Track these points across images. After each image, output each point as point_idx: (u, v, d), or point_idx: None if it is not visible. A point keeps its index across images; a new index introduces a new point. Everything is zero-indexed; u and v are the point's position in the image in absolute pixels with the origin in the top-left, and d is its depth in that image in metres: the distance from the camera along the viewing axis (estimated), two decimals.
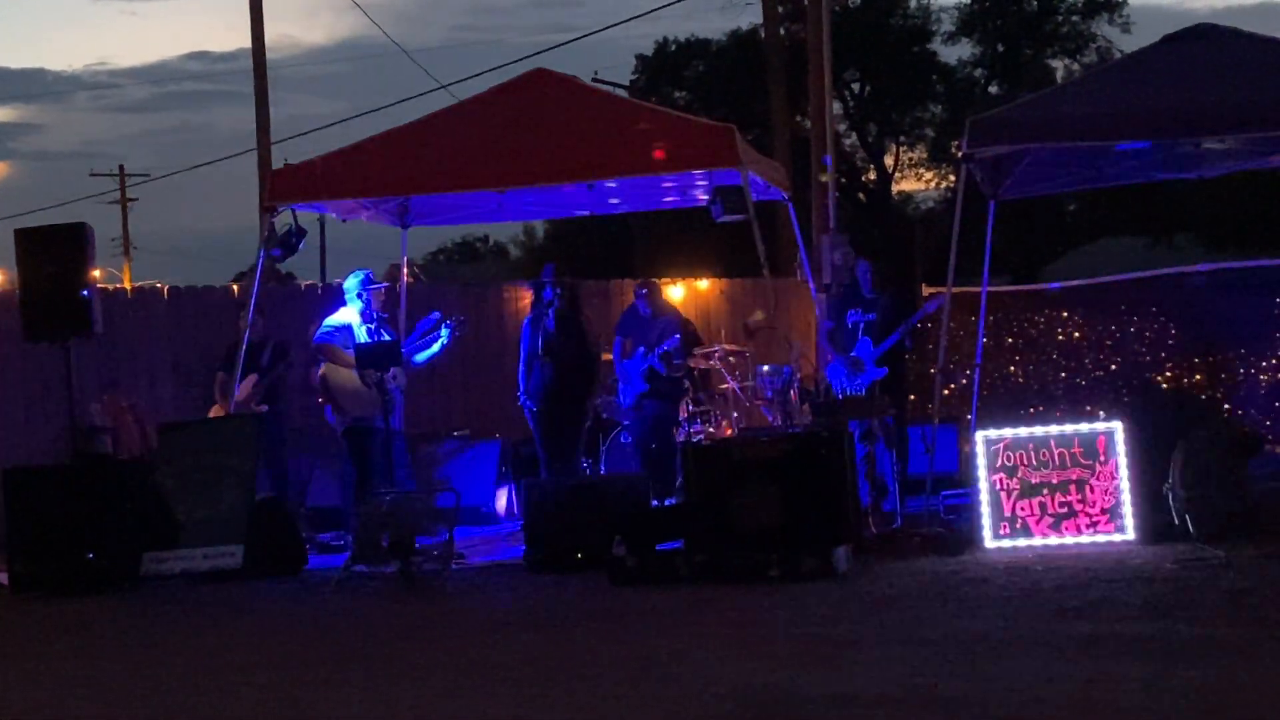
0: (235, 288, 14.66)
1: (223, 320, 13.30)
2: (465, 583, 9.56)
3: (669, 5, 30.79)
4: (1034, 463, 9.44)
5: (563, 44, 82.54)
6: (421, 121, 12.26)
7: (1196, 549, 8.76)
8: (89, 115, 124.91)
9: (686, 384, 12.55)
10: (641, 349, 12.38)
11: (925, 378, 13.46)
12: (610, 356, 12.66)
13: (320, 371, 11.55)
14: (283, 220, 11.85)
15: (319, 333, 11.54)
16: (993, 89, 39.06)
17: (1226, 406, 13.89)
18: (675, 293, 15.80)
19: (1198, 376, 14.37)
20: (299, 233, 11.84)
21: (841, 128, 37.79)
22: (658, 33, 55.15)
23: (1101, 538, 9.25)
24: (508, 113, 11.72)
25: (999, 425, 9.96)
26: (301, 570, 10.52)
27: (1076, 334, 15.06)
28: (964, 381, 14.16)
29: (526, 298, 14.56)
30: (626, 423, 12.70)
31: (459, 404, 14.74)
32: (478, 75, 22.94)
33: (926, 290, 15.24)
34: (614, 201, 13.54)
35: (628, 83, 39.46)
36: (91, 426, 12.33)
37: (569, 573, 9.55)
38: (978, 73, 40.26)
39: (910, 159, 41.57)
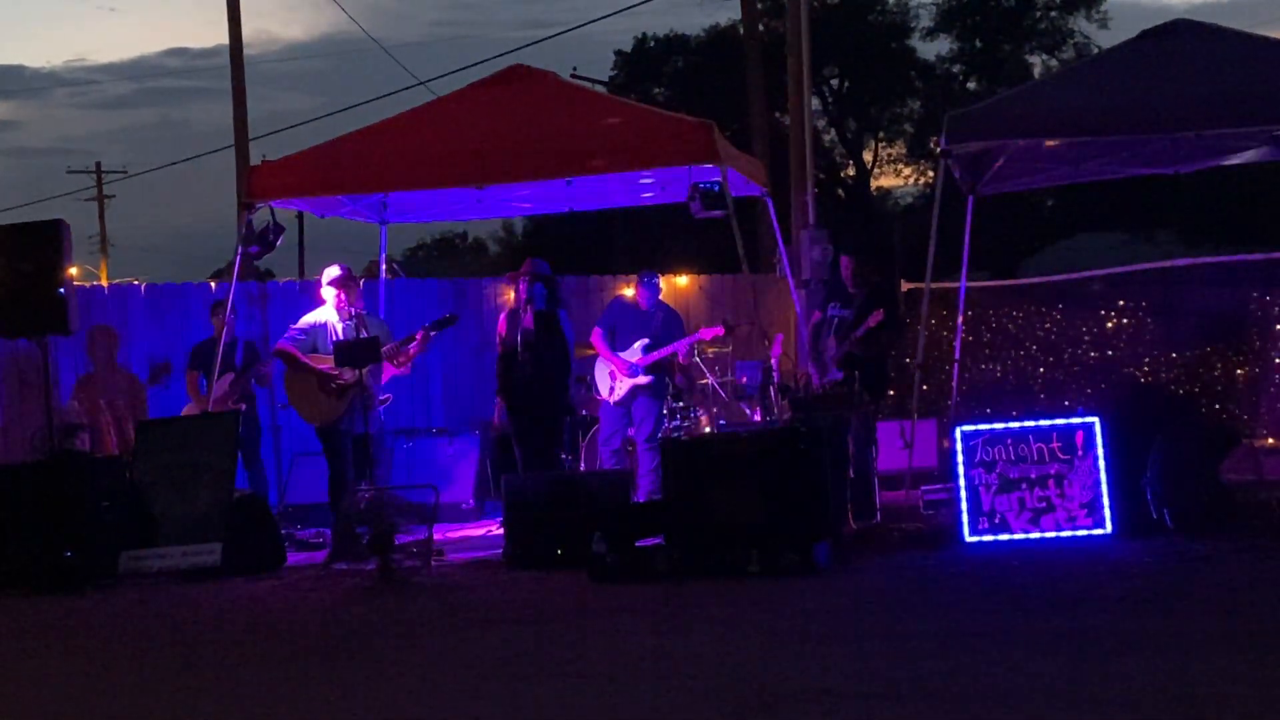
0: (213, 284, 14.63)
1: (200, 317, 13.28)
2: (445, 579, 9.55)
3: (648, 1, 30.82)
4: (1013, 458, 9.46)
5: (541, 40, 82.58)
6: (400, 118, 12.25)
7: (1174, 543, 8.79)
8: (67, 112, 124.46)
9: (666, 380, 12.54)
10: (645, 341, 12.20)
11: (904, 372, 13.49)
12: (592, 351, 12.51)
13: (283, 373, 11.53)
14: (261, 217, 11.82)
15: (285, 335, 11.49)
16: (971, 85, 39.18)
17: (1203, 401, 13.93)
18: None
19: (1176, 371, 14.42)
20: (277, 229, 11.81)
21: (820, 124, 37.85)
22: (637, 28, 55.14)
23: (1080, 532, 9.28)
24: (486, 109, 11.71)
25: (978, 420, 9.98)
26: (280, 568, 10.49)
27: (1054, 329, 15.10)
28: (943, 377, 14.18)
29: (507, 293, 14.54)
30: (609, 418, 12.57)
31: (438, 399, 14.72)
32: (456, 71, 22.97)
33: (905, 285, 15.27)
34: (593, 197, 13.54)
35: (606, 78, 39.47)
36: (69, 424, 12.29)
37: (549, 569, 9.54)
38: (956, 69, 40.37)
39: (889, 155, 41.71)
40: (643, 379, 12.08)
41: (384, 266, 14.19)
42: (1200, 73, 10.33)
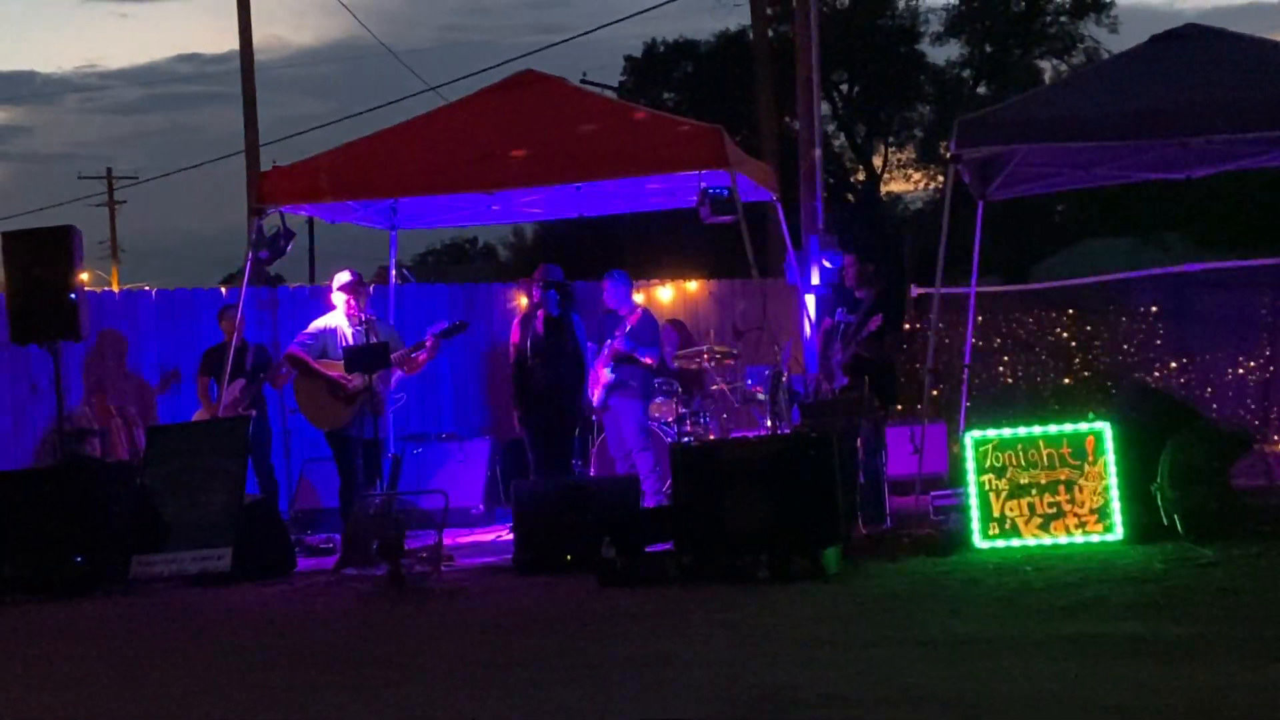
0: (224, 290, 14.65)
1: (211, 323, 13.30)
2: (454, 584, 9.55)
3: (658, 6, 30.85)
4: (1023, 463, 9.45)
5: (551, 45, 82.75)
6: (410, 123, 12.26)
7: (1185, 548, 8.77)
8: (78, 117, 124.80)
9: (676, 385, 12.54)
10: (609, 340, 12.28)
11: (914, 377, 13.49)
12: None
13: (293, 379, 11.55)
14: (271, 222, 11.84)
15: (296, 340, 11.50)
16: (981, 90, 39.12)
17: (1214, 406, 13.91)
18: (664, 294, 15.81)
19: (1186, 376, 14.39)
20: (287, 235, 11.82)
21: (830, 129, 37.83)
22: (646, 34, 55.17)
23: (1090, 538, 9.26)
24: (496, 114, 11.72)
25: (988, 425, 9.97)
26: (290, 573, 10.50)
27: (1065, 334, 15.08)
28: (953, 382, 14.16)
29: (516, 299, 14.58)
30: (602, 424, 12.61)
31: (448, 405, 14.74)
32: (467, 77, 22.93)
33: (915, 290, 15.26)
34: (603, 202, 13.54)
35: (616, 84, 39.49)
36: (80, 429, 12.32)
37: (558, 574, 9.54)
38: (966, 73, 40.34)
39: (899, 160, 41.67)
40: (607, 377, 12.12)
41: (394, 272, 14.20)
42: (1211, 77, 10.32)
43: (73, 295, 10.97)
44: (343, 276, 11.53)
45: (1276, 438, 13.64)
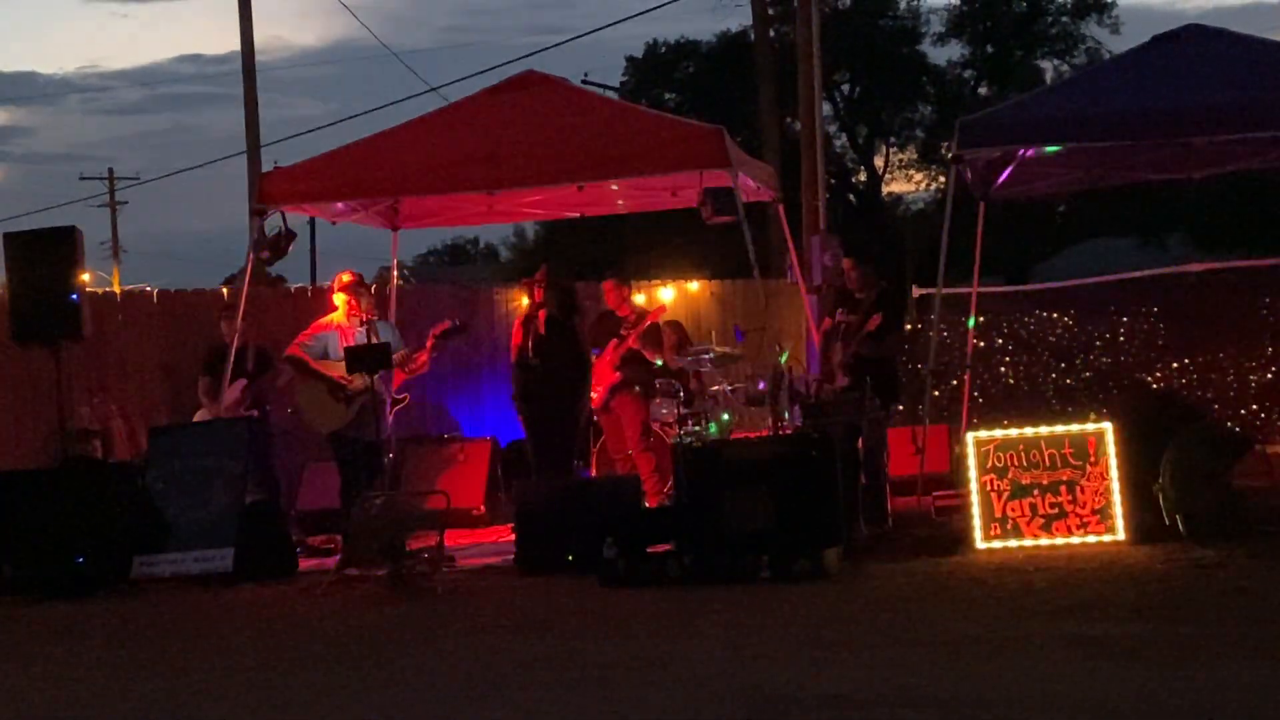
0: (225, 290, 14.64)
1: (212, 323, 13.28)
2: (456, 585, 9.55)
3: (659, 7, 30.87)
4: (1024, 463, 9.45)
5: (553, 46, 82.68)
6: (412, 123, 12.26)
7: (1187, 549, 8.77)
8: (80, 118, 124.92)
9: (677, 385, 12.53)
10: (615, 341, 12.32)
11: (916, 378, 13.48)
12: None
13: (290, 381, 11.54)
14: (272, 223, 11.83)
15: (295, 341, 11.49)
16: (982, 90, 39.12)
17: (1216, 406, 13.90)
18: (665, 294, 15.80)
19: (1187, 377, 14.38)
20: (288, 235, 11.82)
21: (831, 129, 37.82)
22: (648, 34, 55.09)
23: (1092, 538, 9.26)
24: (498, 114, 11.72)
25: (990, 426, 9.97)
26: (292, 574, 10.50)
27: (1066, 334, 15.07)
28: (955, 382, 14.16)
29: (517, 299, 14.57)
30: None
31: (450, 405, 14.73)
32: (468, 77, 22.99)
33: (917, 291, 15.25)
34: (604, 203, 13.54)
35: (618, 84, 39.49)
36: (81, 430, 12.31)
37: (560, 575, 9.54)
38: (967, 74, 40.33)
39: (900, 160, 41.63)
40: (614, 376, 12.15)
41: (395, 272, 14.21)
42: (1212, 78, 10.32)
43: (74, 296, 10.97)
44: (344, 277, 11.52)
45: (1277, 438, 13.63)
